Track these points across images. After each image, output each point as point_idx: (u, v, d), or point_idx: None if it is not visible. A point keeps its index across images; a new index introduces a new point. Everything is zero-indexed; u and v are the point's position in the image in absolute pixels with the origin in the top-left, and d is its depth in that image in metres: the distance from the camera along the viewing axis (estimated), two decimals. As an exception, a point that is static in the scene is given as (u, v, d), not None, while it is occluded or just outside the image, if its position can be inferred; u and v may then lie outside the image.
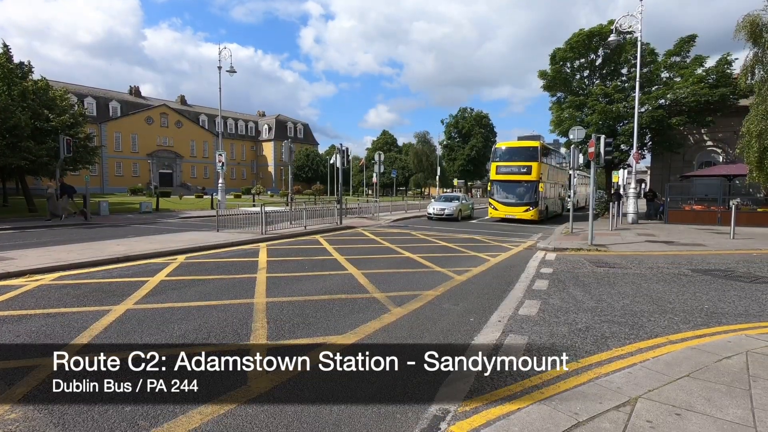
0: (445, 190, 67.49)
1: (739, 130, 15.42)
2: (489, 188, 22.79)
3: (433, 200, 26.02)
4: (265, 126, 72.83)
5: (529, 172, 20.49)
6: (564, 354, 4.32)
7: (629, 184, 21.81)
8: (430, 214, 21.79)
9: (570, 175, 27.17)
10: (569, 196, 28.49)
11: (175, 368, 3.99)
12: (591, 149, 12.47)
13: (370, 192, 54.85)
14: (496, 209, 21.59)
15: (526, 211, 20.41)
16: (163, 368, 3.99)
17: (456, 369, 4.05)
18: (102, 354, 4.31)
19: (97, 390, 3.57)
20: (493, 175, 21.95)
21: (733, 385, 3.47)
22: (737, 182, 21.67)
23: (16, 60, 21.50)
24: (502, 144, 22.95)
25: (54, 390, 3.56)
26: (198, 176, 63.05)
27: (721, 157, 24.91)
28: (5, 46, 20.78)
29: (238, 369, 3.99)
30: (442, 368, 4.08)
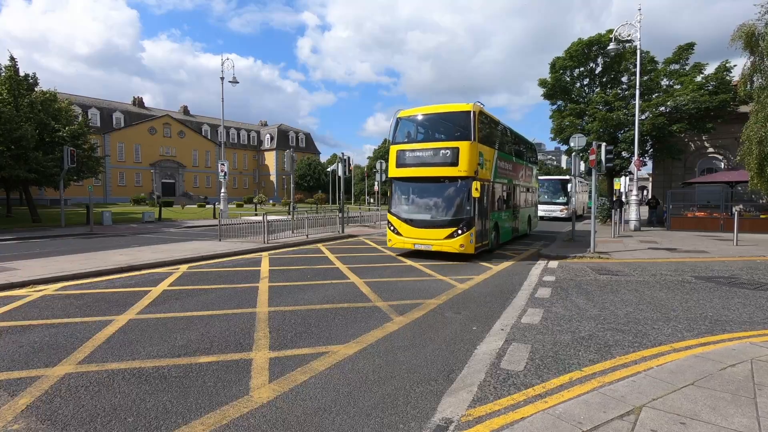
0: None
1: (739, 137, 15.44)
2: (388, 193, 12.71)
3: None
4: (267, 135, 73.25)
5: (453, 161, 11.06)
6: (567, 363, 4.31)
7: (631, 191, 21.81)
8: None
9: (572, 179, 26.61)
10: (565, 204, 27.53)
11: (177, 378, 4.00)
12: (592, 157, 12.50)
13: (371, 200, 54.88)
14: (398, 233, 11.77)
15: (451, 236, 11.00)
16: (166, 378, 4.00)
17: (459, 378, 4.04)
18: (104, 364, 4.33)
19: (99, 401, 3.57)
20: (392, 170, 12.20)
21: (738, 393, 3.44)
22: (739, 188, 21.63)
23: (21, 72, 21.81)
24: (408, 112, 12.54)
25: (57, 401, 3.57)
26: (200, 186, 63.28)
27: (722, 164, 24.90)
28: (12, 59, 21.09)
29: (241, 379, 4.00)
30: (445, 377, 4.07)
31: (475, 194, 10.74)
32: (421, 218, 11.57)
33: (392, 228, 11.98)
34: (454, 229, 11.02)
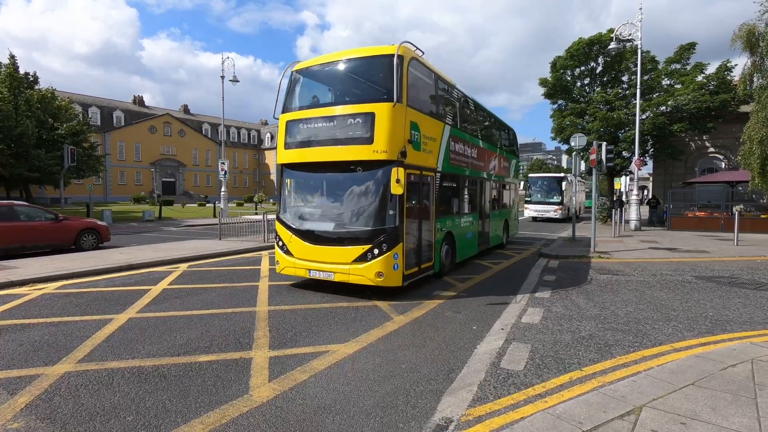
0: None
1: (740, 137, 15.42)
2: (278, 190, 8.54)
3: None
4: (268, 134, 73.24)
5: (366, 135, 6.91)
6: (567, 362, 4.31)
7: (631, 190, 21.78)
8: None
9: (567, 176, 26.51)
10: (560, 204, 26.72)
11: (177, 377, 4.00)
12: (593, 156, 12.49)
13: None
14: (287, 253, 7.72)
15: (362, 259, 6.85)
16: (165, 377, 4.00)
17: (459, 378, 4.04)
18: (104, 363, 4.33)
19: (99, 400, 3.57)
20: (280, 153, 8.03)
21: (739, 393, 3.43)
22: (740, 188, 21.60)
23: (21, 71, 21.81)
24: (307, 63, 8.19)
25: (56, 399, 3.57)
26: (201, 185, 63.27)
27: (723, 164, 24.87)
28: (12, 56, 21.09)
29: (241, 378, 4.00)
30: (445, 377, 4.07)
31: (396, 190, 6.53)
32: (318, 229, 7.41)
33: (280, 244, 7.92)
34: (368, 246, 6.83)
